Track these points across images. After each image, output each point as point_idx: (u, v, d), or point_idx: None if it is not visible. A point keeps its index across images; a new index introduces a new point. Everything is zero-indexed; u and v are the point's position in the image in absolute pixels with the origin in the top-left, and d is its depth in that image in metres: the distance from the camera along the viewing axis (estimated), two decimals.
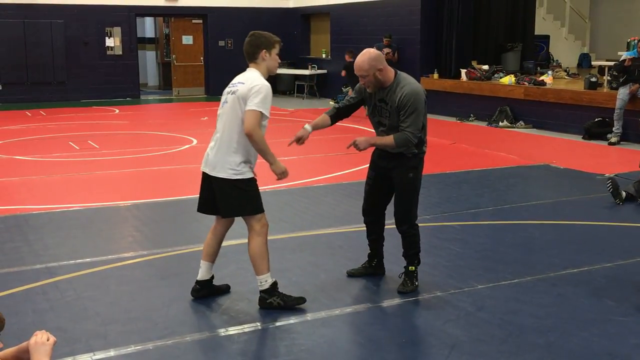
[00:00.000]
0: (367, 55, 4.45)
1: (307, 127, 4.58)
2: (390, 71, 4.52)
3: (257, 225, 4.32)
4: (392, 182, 4.66)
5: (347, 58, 15.20)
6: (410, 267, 4.70)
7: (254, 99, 4.13)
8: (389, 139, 4.46)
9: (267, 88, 4.19)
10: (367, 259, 5.03)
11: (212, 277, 4.59)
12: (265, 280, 4.34)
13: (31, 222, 6.43)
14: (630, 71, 10.88)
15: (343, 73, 15.38)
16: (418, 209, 4.68)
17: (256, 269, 4.35)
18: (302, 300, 4.42)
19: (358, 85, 4.71)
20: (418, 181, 4.64)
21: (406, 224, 4.65)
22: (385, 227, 4.91)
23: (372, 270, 5.00)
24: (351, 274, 4.99)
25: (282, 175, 4.33)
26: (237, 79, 4.35)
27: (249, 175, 4.29)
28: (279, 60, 4.48)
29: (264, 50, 4.30)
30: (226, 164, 4.24)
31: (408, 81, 4.51)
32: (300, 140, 4.56)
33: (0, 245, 5.70)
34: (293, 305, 4.36)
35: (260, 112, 4.14)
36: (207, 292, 4.58)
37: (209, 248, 4.51)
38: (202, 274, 4.54)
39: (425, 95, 4.52)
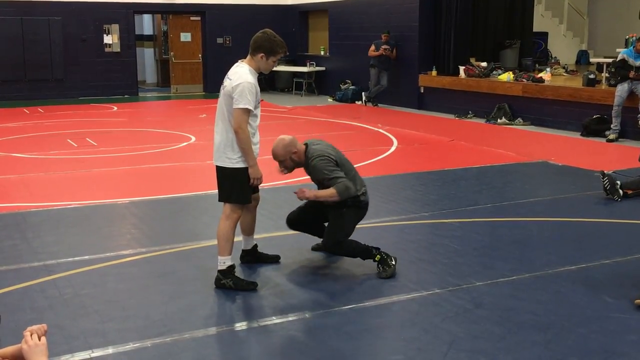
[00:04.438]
0: (281, 143, 4.77)
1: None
2: (302, 150, 4.83)
3: (229, 209, 4.64)
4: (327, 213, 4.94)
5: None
6: (375, 259, 4.90)
7: (238, 98, 4.41)
8: (331, 191, 4.74)
9: (248, 85, 4.44)
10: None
11: (256, 246, 5.14)
12: (224, 262, 4.63)
13: (29, 219, 6.42)
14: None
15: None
16: (417, 206, 4.68)
17: (219, 250, 4.64)
18: (253, 285, 4.64)
19: None
20: (349, 217, 4.87)
21: (329, 242, 4.88)
22: (383, 224, 4.92)
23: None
24: (315, 249, 5.35)
25: (256, 181, 4.63)
26: (229, 73, 4.60)
27: (243, 165, 4.54)
28: (275, 67, 4.75)
29: (263, 54, 4.55)
30: (224, 154, 4.56)
31: (312, 154, 4.80)
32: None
33: None
34: (243, 289, 4.58)
35: (245, 108, 4.41)
36: (250, 259, 5.12)
37: (241, 224, 4.94)
38: (244, 245, 5.13)
39: (332, 150, 4.88)
